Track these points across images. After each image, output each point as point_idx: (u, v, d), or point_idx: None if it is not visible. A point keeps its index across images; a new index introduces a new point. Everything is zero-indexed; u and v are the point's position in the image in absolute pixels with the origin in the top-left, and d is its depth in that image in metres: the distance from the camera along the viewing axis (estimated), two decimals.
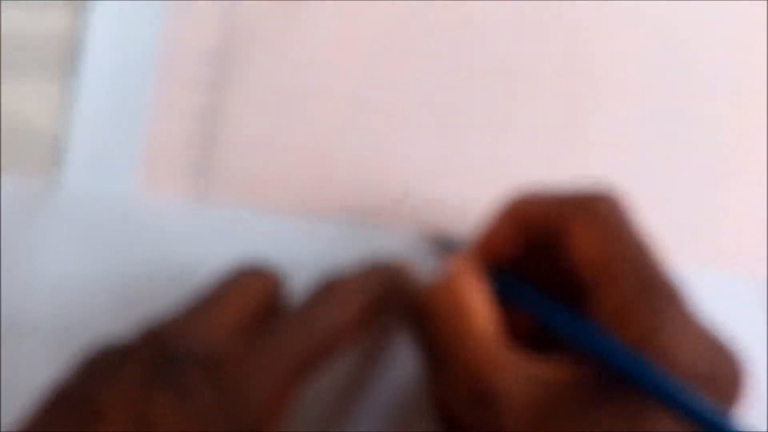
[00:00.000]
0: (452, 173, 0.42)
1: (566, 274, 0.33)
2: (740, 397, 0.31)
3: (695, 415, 0.27)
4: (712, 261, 0.43)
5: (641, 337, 0.29)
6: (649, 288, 0.30)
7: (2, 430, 0.37)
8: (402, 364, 0.40)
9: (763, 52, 0.44)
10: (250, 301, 0.33)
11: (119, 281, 0.40)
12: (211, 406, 0.28)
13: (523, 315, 0.34)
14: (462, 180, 0.42)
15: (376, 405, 0.40)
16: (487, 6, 0.43)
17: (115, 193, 0.41)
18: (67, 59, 0.42)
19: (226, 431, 0.28)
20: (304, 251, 0.41)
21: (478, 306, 0.32)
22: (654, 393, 0.28)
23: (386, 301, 0.35)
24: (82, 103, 0.42)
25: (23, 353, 0.39)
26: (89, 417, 0.28)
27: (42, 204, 0.40)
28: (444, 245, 0.40)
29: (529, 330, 0.35)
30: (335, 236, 0.41)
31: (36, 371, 0.39)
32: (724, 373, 0.30)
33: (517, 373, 0.30)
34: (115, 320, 0.39)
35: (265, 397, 0.29)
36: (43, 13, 0.42)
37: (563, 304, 0.32)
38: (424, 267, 0.40)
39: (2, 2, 0.42)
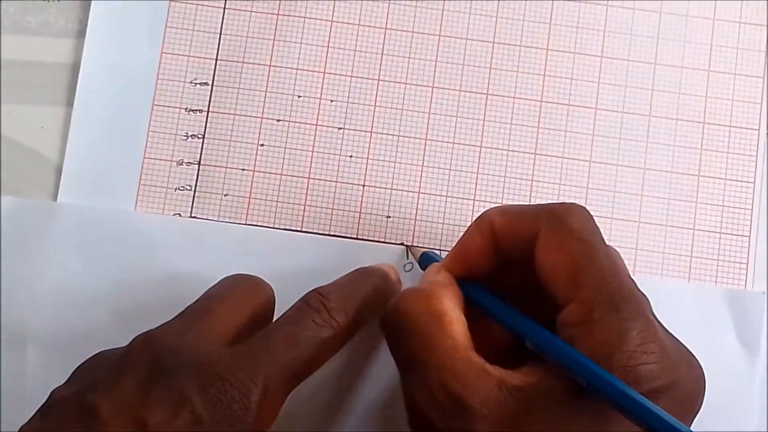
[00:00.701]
0: (432, 192, 0.43)
1: (540, 290, 0.33)
2: (700, 406, 0.31)
3: (654, 425, 0.28)
4: (681, 273, 0.43)
5: (605, 349, 0.30)
6: (614, 300, 0.31)
7: None
8: (388, 366, 0.40)
9: (731, 73, 0.45)
10: (242, 312, 0.34)
11: (116, 293, 0.41)
12: (204, 414, 0.29)
13: (497, 329, 0.34)
14: (440, 199, 0.43)
15: (365, 405, 0.41)
16: (464, 32, 0.44)
17: (112, 210, 0.42)
18: (70, 87, 0.43)
19: None
20: (290, 263, 0.42)
21: (452, 314, 0.33)
22: (616, 403, 0.28)
23: (374, 307, 0.36)
24: (83, 128, 0.43)
25: (24, 364, 0.40)
26: (89, 423, 0.29)
27: (43, 222, 0.42)
28: (422, 258, 0.40)
29: (504, 345, 0.35)
30: (319, 249, 0.42)
31: (36, 381, 0.40)
32: (684, 383, 0.30)
33: (489, 381, 0.30)
34: (112, 330, 0.41)
35: (257, 406, 0.30)
36: (49, 43, 0.44)
37: (535, 317, 0.33)
38: (403, 277, 0.41)
39: (9, 32, 0.43)
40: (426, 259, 0.39)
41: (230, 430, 0.29)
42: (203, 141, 0.43)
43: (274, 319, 0.35)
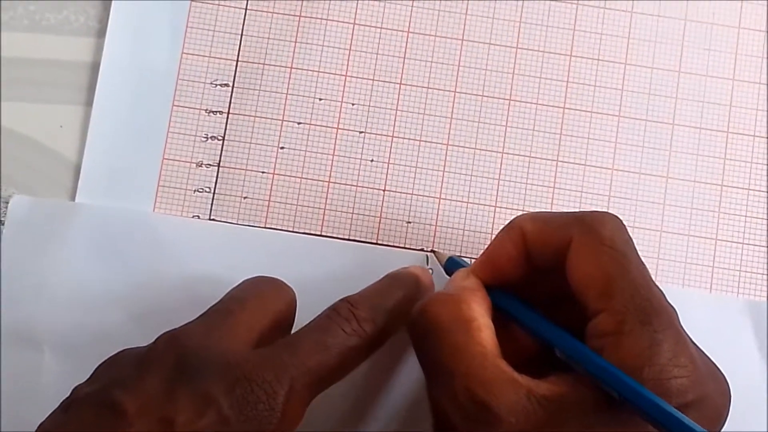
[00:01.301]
0: (453, 198, 0.43)
1: (569, 298, 0.33)
2: (725, 421, 0.31)
3: None
4: (702, 283, 0.43)
5: (636, 361, 0.29)
6: (646, 311, 0.30)
7: None
8: (413, 369, 0.40)
9: (756, 82, 0.44)
10: (265, 314, 0.33)
11: (134, 295, 0.41)
12: (230, 415, 0.29)
13: (524, 337, 0.34)
14: (462, 205, 0.43)
15: (389, 408, 0.40)
16: (487, 37, 0.44)
17: (130, 211, 0.42)
18: (89, 86, 0.43)
19: None
20: (309, 267, 0.41)
21: (480, 320, 0.32)
22: (650, 417, 0.28)
23: (404, 316, 0.35)
24: (102, 128, 0.43)
25: (40, 365, 0.40)
26: (114, 420, 0.29)
27: (60, 221, 0.41)
28: (448, 263, 0.40)
29: (531, 353, 0.34)
30: (339, 254, 0.42)
31: (53, 382, 0.40)
32: (712, 398, 0.30)
33: (517, 389, 0.30)
34: (129, 332, 0.40)
35: (282, 408, 0.30)
36: (68, 42, 0.43)
37: (562, 326, 0.32)
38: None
39: (28, 30, 0.43)
40: (452, 264, 0.39)
41: (255, 431, 0.29)
42: (223, 143, 0.43)
43: (295, 324, 0.35)
